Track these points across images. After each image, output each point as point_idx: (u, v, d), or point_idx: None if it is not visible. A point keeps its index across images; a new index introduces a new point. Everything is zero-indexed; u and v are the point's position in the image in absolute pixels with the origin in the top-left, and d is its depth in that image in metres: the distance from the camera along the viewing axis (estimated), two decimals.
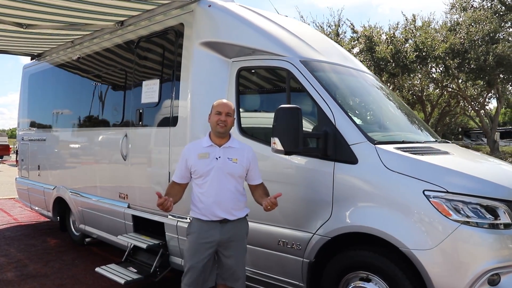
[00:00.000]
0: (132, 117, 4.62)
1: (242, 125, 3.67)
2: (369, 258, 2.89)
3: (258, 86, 3.89)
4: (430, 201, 2.65)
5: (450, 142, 4.00)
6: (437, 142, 3.69)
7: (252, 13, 3.98)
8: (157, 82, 4.32)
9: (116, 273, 4.04)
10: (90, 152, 5.35)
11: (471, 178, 2.73)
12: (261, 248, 3.46)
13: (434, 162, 2.84)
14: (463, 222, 2.57)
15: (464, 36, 15.99)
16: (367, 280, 2.92)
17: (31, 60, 7.28)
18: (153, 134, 4.34)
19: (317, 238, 3.12)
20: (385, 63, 15.98)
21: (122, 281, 3.87)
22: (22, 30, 5.07)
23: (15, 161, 8.52)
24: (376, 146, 2.97)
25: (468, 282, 2.51)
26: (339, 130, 3.07)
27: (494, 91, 19.19)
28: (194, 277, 2.78)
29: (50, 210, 6.30)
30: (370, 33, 16.76)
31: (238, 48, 3.80)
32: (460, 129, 39.79)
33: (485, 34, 15.95)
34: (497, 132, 22.06)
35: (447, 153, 3.22)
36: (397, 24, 17.57)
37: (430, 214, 2.65)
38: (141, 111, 4.48)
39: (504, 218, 2.63)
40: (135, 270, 4.14)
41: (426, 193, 2.67)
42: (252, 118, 3.81)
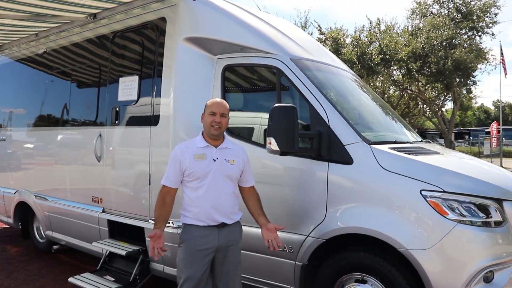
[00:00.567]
0: (107, 115, 4.35)
1: (229, 125, 3.53)
2: (364, 259, 2.86)
3: (245, 84, 3.77)
4: (427, 201, 2.66)
5: (431, 142, 4.07)
6: (423, 142, 3.75)
7: (239, 9, 3.86)
8: (135, 79, 4.08)
9: (92, 282, 3.77)
10: (59, 153, 4.99)
11: (466, 177, 2.77)
12: (250, 252, 3.34)
13: (430, 162, 2.85)
14: (460, 221, 2.59)
15: (424, 40, 16.66)
16: (363, 281, 2.89)
17: None
18: (131, 133, 4.10)
19: (310, 241, 3.06)
20: (351, 65, 16.34)
21: None
22: None
23: None
24: (371, 146, 2.95)
25: (465, 280, 2.53)
26: (333, 130, 3.02)
27: (451, 94, 20.14)
28: None
29: (11, 216, 5.83)
30: (337, 35, 17.07)
31: (225, 44, 3.66)
32: (416, 129, 41.53)
33: (443, 40, 16.71)
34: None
35: (438, 153, 3.26)
36: (362, 27, 18.02)
37: (427, 214, 2.66)
38: (117, 109, 4.22)
39: (495, 216, 2.69)
40: (113, 279, 3.88)
41: (423, 193, 2.68)
42: (239, 117, 3.68)
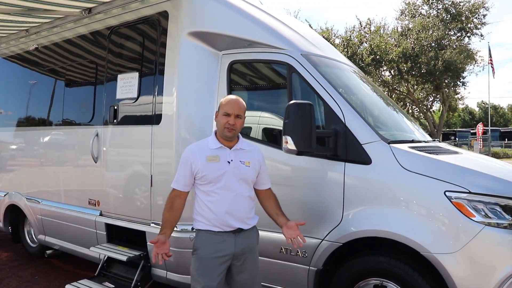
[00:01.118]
0: (104, 114, 4.14)
1: None
2: (384, 263, 2.73)
3: (253, 81, 3.62)
4: (452, 202, 2.54)
5: (440, 142, 3.99)
6: (436, 141, 3.65)
7: (245, 2, 3.70)
8: (135, 75, 3.89)
9: None
10: (52, 154, 4.76)
11: (491, 177, 2.66)
12: (261, 257, 3.16)
13: (453, 162, 2.74)
14: (487, 224, 2.48)
15: (414, 41, 16.77)
16: (382, 287, 2.76)
17: None
18: (131, 133, 3.90)
19: (326, 245, 2.92)
20: None
21: None
22: None
23: None
24: (390, 145, 2.82)
25: (494, 286, 2.42)
26: (350, 129, 2.89)
27: (439, 95, 20.34)
28: None
29: (0, 219, 5.55)
30: (328, 35, 17.05)
31: (231, 39, 3.50)
32: None
33: (433, 40, 16.85)
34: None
35: (457, 152, 3.16)
36: (353, 27, 18.05)
37: (452, 216, 2.54)
38: (115, 108, 4.02)
39: None
40: (112, 286, 3.68)
41: (448, 194, 2.56)
42: (246, 116, 3.52)
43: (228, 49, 3.54)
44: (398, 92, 21.32)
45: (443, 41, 17.43)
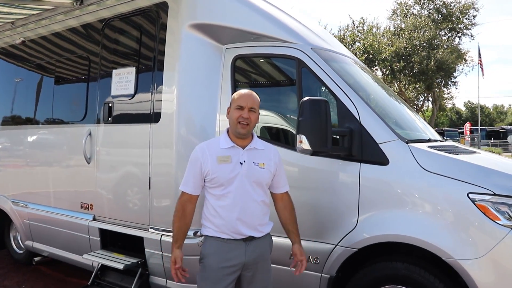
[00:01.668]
0: (98, 112, 3.90)
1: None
2: (402, 270, 2.56)
3: (259, 77, 3.42)
4: (475, 205, 2.39)
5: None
6: (448, 140, 3.51)
7: None
8: (132, 70, 3.65)
9: None
10: (41, 154, 4.49)
11: None
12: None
13: (475, 162, 2.59)
14: None
15: (407, 41, 16.79)
16: None
17: None
18: (127, 132, 3.67)
19: (340, 250, 2.74)
20: None
21: None
22: None
23: None
24: (409, 144, 2.66)
25: None
26: (365, 127, 2.72)
27: (431, 95, 20.45)
28: None
29: None
30: None
31: (236, 32, 3.30)
32: None
33: (425, 40, 16.89)
34: None
35: (475, 152, 3.02)
36: (346, 26, 18.01)
37: (476, 219, 2.39)
38: (110, 105, 3.78)
39: None
40: None
41: (471, 196, 2.40)
42: None
43: (232, 42, 3.34)
44: None
45: (434, 41, 17.51)
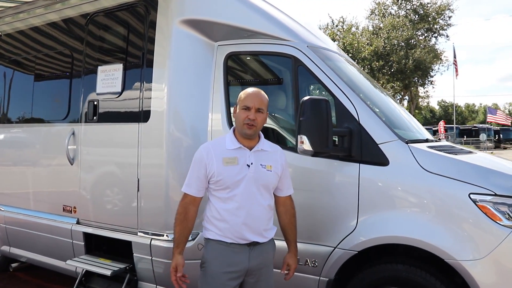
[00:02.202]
0: (82, 110, 3.71)
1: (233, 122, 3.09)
2: (403, 272, 2.53)
3: (253, 75, 3.33)
4: (477, 205, 2.38)
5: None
6: (442, 140, 3.51)
7: None
8: (119, 67, 3.49)
9: None
10: (18, 154, 4.25)
11: None
12: None
13: (474, 162, 2.59)
14: None
15: (385, 40, 17.03)
16: None
17: None
18: (114, 131, 3.50)
19: (339, 253, 2.69)
20: None
21: None
22: None
23: None
24: (409, 145, 2.63)
25: None
26: (364, 127, 2.68)
27: (408, 94, 20.85)
28: None
29: None
30: None
31: (229, 29, 3.20)
32: None
33: (403, 40, 17.19)
34: None
35: (471, 152, 3.02)
36: (326, 25, 18.10)
37: (477, 220, 2.38)
38: (95, 103, 3.61)
39: None
40: None
41: (473, 196, 2.40)
42: None
43: (224, 39, 3.24)
44: None
45: (412, 40, 17.84)
